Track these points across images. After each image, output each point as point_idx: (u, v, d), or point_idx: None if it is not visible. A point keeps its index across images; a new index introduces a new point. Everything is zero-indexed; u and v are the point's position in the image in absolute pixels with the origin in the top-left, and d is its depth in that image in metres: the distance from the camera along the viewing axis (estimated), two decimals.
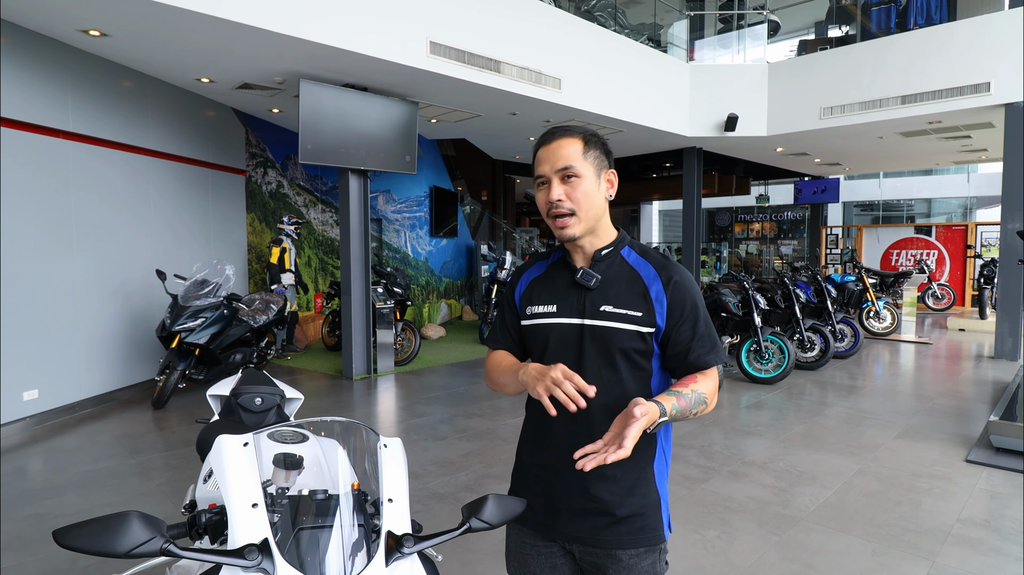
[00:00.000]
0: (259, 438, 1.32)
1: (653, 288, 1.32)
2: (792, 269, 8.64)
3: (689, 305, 1.32)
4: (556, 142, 1.33)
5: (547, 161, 1.32)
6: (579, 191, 1.31)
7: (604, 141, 1.37)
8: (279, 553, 1.04)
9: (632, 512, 1.32)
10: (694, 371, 1.31)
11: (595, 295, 1.34)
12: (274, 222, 8.59)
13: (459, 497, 3.53)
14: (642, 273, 1.35)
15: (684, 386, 1.28)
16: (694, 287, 1.34)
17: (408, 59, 5.70)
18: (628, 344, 1.31)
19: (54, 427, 4.90)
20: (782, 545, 2.96)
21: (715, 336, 1.34)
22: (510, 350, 1.49)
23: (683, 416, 1.25)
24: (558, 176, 1.31)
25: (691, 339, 1.31)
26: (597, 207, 1.34)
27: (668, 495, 1.40)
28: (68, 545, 0.94)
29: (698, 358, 1.31)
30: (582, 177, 1.31)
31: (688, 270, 1.36)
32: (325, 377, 6.75)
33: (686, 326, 1.31)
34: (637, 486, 1.33)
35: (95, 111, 5.43)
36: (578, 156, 1.31)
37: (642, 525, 1.33)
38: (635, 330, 1.30)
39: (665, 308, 1.31)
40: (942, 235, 13.56)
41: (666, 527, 1.37)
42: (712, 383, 1.31)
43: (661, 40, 10.04)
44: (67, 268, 5.17)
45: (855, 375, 6.83)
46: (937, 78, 7.73)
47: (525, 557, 1.44)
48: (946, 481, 3.75)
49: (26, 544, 2.97)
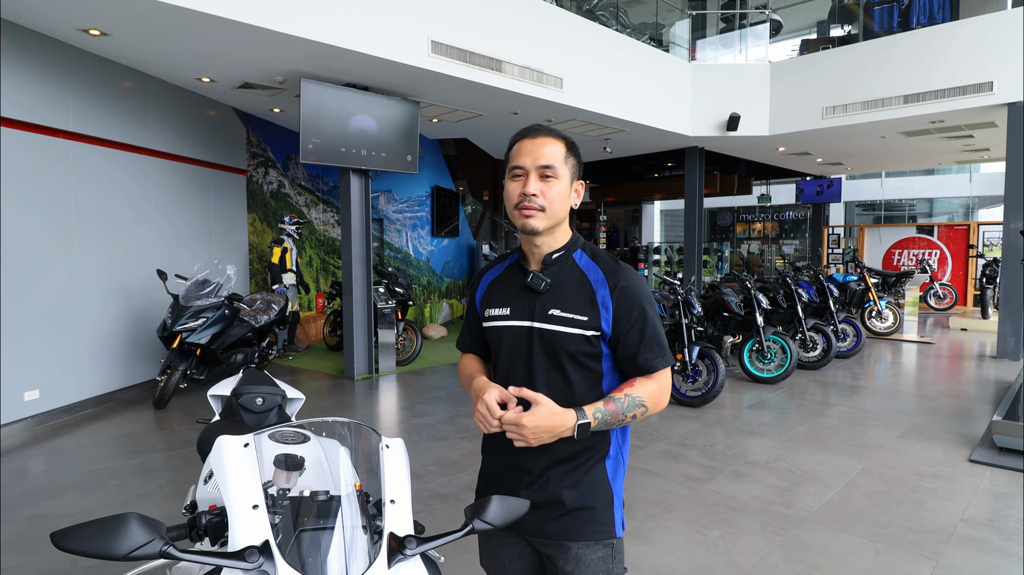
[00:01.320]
0: (260, 439, 1.31)
1: (600, 293, 1.35)
2: (794, 269, 8.62)
3: (636, 310, 1.34)
4: (542, 138, 1.35)
5: (529, 154, 1.34)
6: (554, 191, 1.34)
7: (579, 153, 1.42)
8: (280, 555, 1.03)
9: (580, 505, 1.36)
10: (642, 374, 1.36)
11: (544, 299, 1.37)
12: (275, 222, 8.58)
13: (461, 497, 3.52)
14: (591, 277, 1.37)
15: (619, 391, 1.33)
16: (642, 291, 1.36)
17: (409, 58, 5.69)
18: (575, 347, 1.34)
19: (55, 427, 4.90)
20: (785, 545, 2.95)
21: (662, 340, 1.37)
22: (476, 352, 1.56)
23: (615, 420, 1.31)
24: (537, 172, 1.33)
25: (639, 343, 1.34)
26: (563, 211, 1.37)
27: (622, 494, 1.43)
28: (66, 548, 0.93)
29: (646, 361, 1.34)
30: (559, 179, 1.34)
31: (638, 272, 1.39)
32: (326, 377, 6.74)
33: (634, 331, 1.34)
34: (585, 480, 1.37)
35: (96, 111, 5.43)
36: (560, 158, 1.34)
37: (590, 518, 1.37)
38: (580, 334, 1.33)
39: (612, 313, 1.33)
40: (944, 235, 13.53)
41: (618, 525, 1.40)
42: (656, 386, 1.35)
43: (663, 40, 10.03)
44: (68, 268, 5.17)
45: (857, 375, 6.81)
46: (940, 77, 7.71)
47: (494, 548, 1.49)
48: (949, 481, 3.73)
49: (27, 545, 2.97)
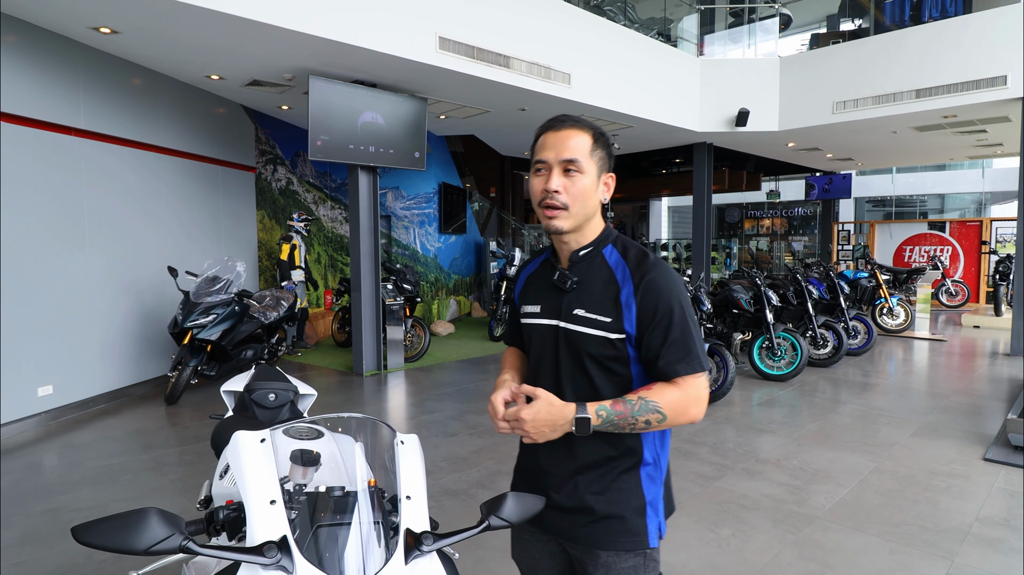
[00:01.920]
0: (275, 434, 1.31)
1: (625, 291, 1.26)
2: (804, 265, 8.56)
3: (662, 309, 1.24)
4: (566, 131, 1.27)
5: (552, 148, 1.27)
6: (578, 186, 1.26)
7: (610, 143, 1.33)
8: (298, 550, 1.02)
9: (610, 514, 1.30)
10: (663, 379, 1.25)
11: (572, 297, 1.31)
12: (284, 219, 8.61)
13: (471, 493, 3.52)
14: (618, 274, 1.29)
15: (634, 393, 1.24)
16: (670, 287, 1.25)
17: (417, 55, 5.69)
18: (598, 350, 1.27)
19: (68, 423, 4.94)
20: (798, 543, 2.93)
21: (691, 343, 1.24)
22: (516, 344, 1.54)
23: (625, 423, 1.22)
24: (560, 166, 1.26)
25: (661, 345, 1.23)
26: (590, 207, 1.30)
27: (661, 503, 1.34)
28: (87, 542, 0.94)
29: (667, 365, 1.23)
30: (584, 174, 1.26)
31: (669, 267, 1.29)
32: (335, 373, 6.77)
33: (657, 331, 1.24)
34: (615, 488, 1.31)
35: (106, 108, 5.46)
36: (585, 151, 1.27)
37: (621, 528, 1.30)
38: (604, 336, 1.26)
39: (635, 313, 1.24)
40: (956, 231, 13.41)
41: (652, 535, 1.32)
42: (679, 393, 1.23)
43: (671, 35, 9.97)
44: (80, 265, 5.21)
45: (869, 372, 6.77)
46: (952, 71, 7.63)
47: (526, 543, 1.47)
48: (964, 480, 3.70)
49: (42, 538, 2.99)
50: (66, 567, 2.73)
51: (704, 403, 1.26)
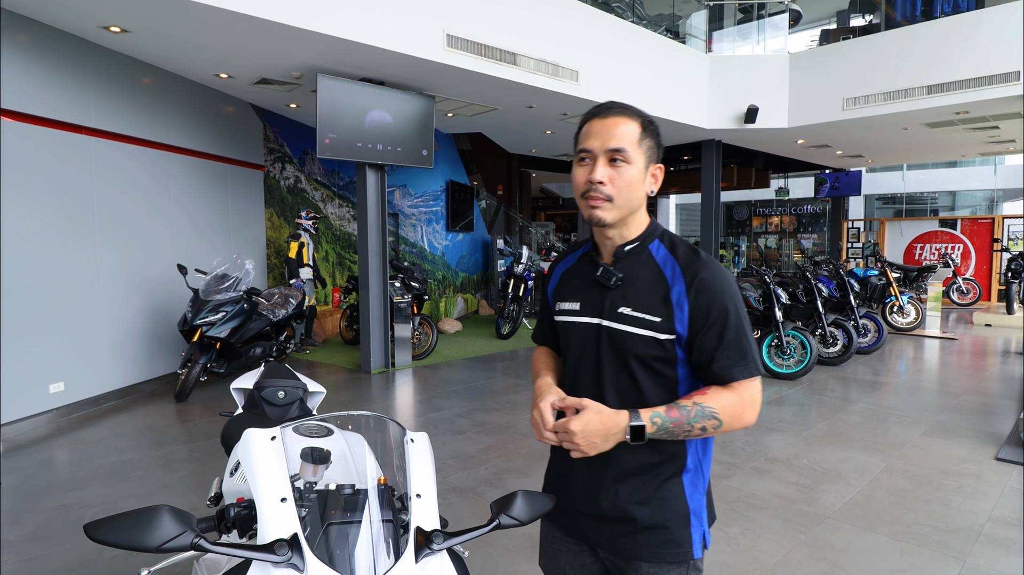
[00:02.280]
0: (286, 432, 1.31)
1: (675, 290, 1.20)
2: (813, 263, 8.51)
3: (716, 310, 1.18)
4: (613, 118, 1.20)
5: (598, 136, 1.19)
6: (624, 178, 1.19)
7: (658, 131, 1.26)
8: (309, 548, 1.03)
9: (653, 523, 1.24)
10: (717, 383, 1.20)
11: (615, 294, 1.24)
12: (292, 217, 8.64)
13: (479, 491, 3.52)
14: (667, 272, 1.22)
15: (688, 398, 1.18)
16: (725, 288, 1.19)
17: (425, 52, 5.68)
18: (645, 351, 1.21)
19: (79, 419, 4.98)
20: (808, 543, 2.92)
21: (746, 345, 1.19)
22: (548, 344, 1.48)
23: (680, 430, 1.16)
24: (606, 156, 1.19)
25: (716, 348, 1.18)
26: (636, 199, 1.22)
27: (704, 511, 1.29)
28: (100, 539, 0.94)
29: (722, 368, 1.18)
30: (631, 164, 1.19)
31: (721, 265, 1.23)
32: (343, 371, 6.79)
33: (711, 333, 1.18)
34: (658, 495, 1.25)
35: (116, 107, 5.49)
36: (633, 140, 1.19)
37: (664, 539, 1.24)
38: (652, 336, 1.20)
39: (687, 313, 1.18)
40: (967, 228, 13.28)
41: (697, 545, 1.26)
42: (734, 397, 1.18)
43: (679, 31, 9.92)
44: (91, 263, 5.24)
45: (879, 371, 6.72)
46: (965, 67, 7.54)
47: (555, 552, 1.41)
48: (976, 479, 3.67)
49: (53, 535, 3.02)
50: (77, 563, 2.76)
51: (758, 407, 1.21)
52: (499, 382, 6.33)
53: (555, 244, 13.33)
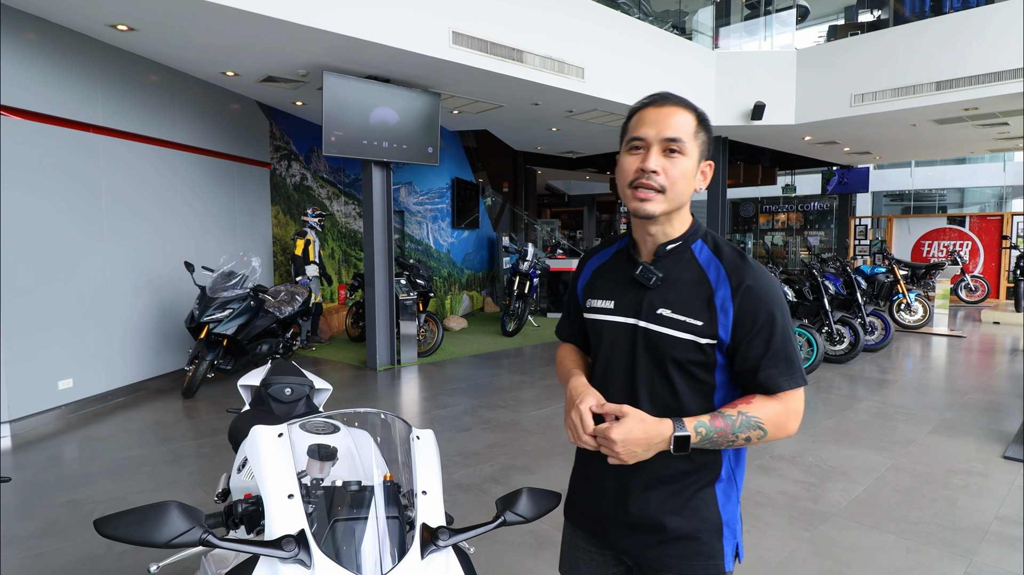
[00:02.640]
0: (292, 429, 1.32)
1: (720, 294, 1.14)
2: (820, 260, 8.47)
3: (763, 316, 1.13)
4: (669, 107, 1.15)
5: (654, 124, 1.14)
6: (678, 169, 1.13)
7: (711, 127, 1.21)
8: (316, 544, 1.03)
9: (683, 534, 1.19)
10: (762, 392, 1.15)
11: (654, 295, 1.19)
12: (298, 214, 8.67)
13: (484, 488, 3.53)
14: (710, 274, 1.17)
15: (732, 407, 1.14)
16: (772, 294, 1.14)
17: (430, 50, 5.68)
18: (684, 355, 1.16)
19: (88, 415, 5.02)
20: (813, 541, 2.91)
21: (793, 354, 1.14)
22: (574, 341, 1.43)
23: (724, 440, 1.12)
24: (661, 145, 1.13)
25: (762, 356, 1.13)
26: (686, 194, 1.17)
27: (739, 523, 1.25)
28: (109, 534, 0.95)
29: (768, 378, 1.13)
30: (686, 156, 1.14)
31: (767, 270, 1.18)
32: (349, 368, 6.81)
33: (757, 341, 1.13)
34: (691, 505, 1.20)
35: (124, 105, 5.51)
36: (690, 132, 1.14)
37: (695, 550, 1.19)
38: (693, 340, 1.14)
39: (731, 319, 1.13)
40: (976, 225, 13.19)
41: (728, 558, 1.21)
42: (780, 407, 1.13)
43: (686, 27, 9.88)
44: (99, 260, 5.28)
45: (886, 369, 6.69)
46: (974, 63, 7.48)
47: (576, 560, 1.37)
48: (983, 478, 3.65)
49: (63, 529, 3.05)
50: (86, 558, 2.78)
51: (801, 416, 1.17)
52: (504, 379, 6.34)
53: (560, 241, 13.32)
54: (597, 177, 16.65)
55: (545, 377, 6.39)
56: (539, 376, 6.45)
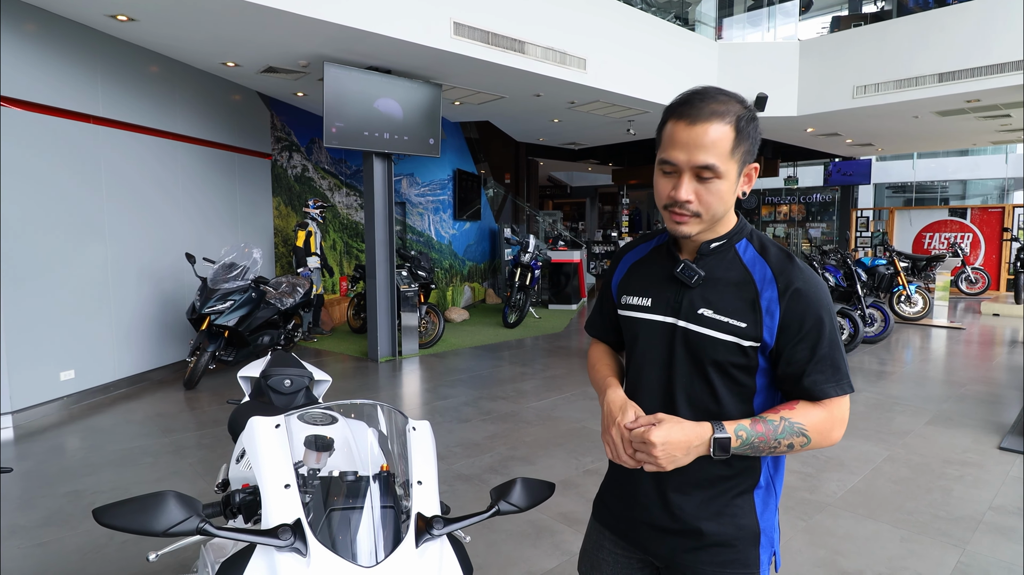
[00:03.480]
0: (290, 420, 1.34)
1: (765, 295, 1.10)
2: (821, 252, 8.46)
3: (811, 320, 1.08)
4: (702, 125, 1.05)
5: (684, 148, 1.06)
6: (713, 195, 1.08)
7: (757, 124, 1.11)
8: (312, 533, 1.05)
9: (719, 540, 1.16)
10: (807, 398, 1.10)
11: (695, 294, 1.14)
12: (299, 206, 8.67)
13: (484, 478, 3.56)
14: (755, 275, 1.12)
15: (775, 412, 1.10)
16: (820, 298, 1.09)
17: (432, 40, 5.67)
18: (725, 357, 1.12)
19: (90, 406, 5.06)
20: (809, 530, 2.94)
21: (839, 361, 1.10)
22: (606, 339, 1.39)
23: (765, 446, 1.07)
24: (692, 171, 1.06)
25: (808, 361, 1.08)
26: (724, 208, 1.11)
27: (776, 532, 1.21)
28: (107, 523, 0.97)
29: (813, 384, 1.09)
30: (722, 178, 1.07)
31: (814, 272, 1.13)
32: (351, 359, 6.84)
33: (803, 346, 1.08)
34: (728, 511, 1.16)
35: (124, 96, 5.51)
36: (725, 151, 1.05)
37: (731, 558, 1.16)
38: (735, 342, 1.10)
39: (777, 322, 1.09)
40: (977, 217, 13.15)
41: (765, 566, 1.18)
42: (824, 414, 1.09)
43: (689, 18, 9.82)
44: (100, 251, 5.29)
45: (885, 360, 6.70)
46: (977, 55, 7.44)
47: (599, 560, 1.34)
48: (978, 468, 3.67)
49: (66, 519, 3.08)
50: (89, 547, 2.82)
51: (846, 424, 1.12)
52: (505, 371, 6.37)
53: (563, 233, 13.32)
54: (599, 169, 16.61)
55: (546, 369, 6.41)
56: (540, 368, 6.47)
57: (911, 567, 2.62)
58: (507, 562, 2.68)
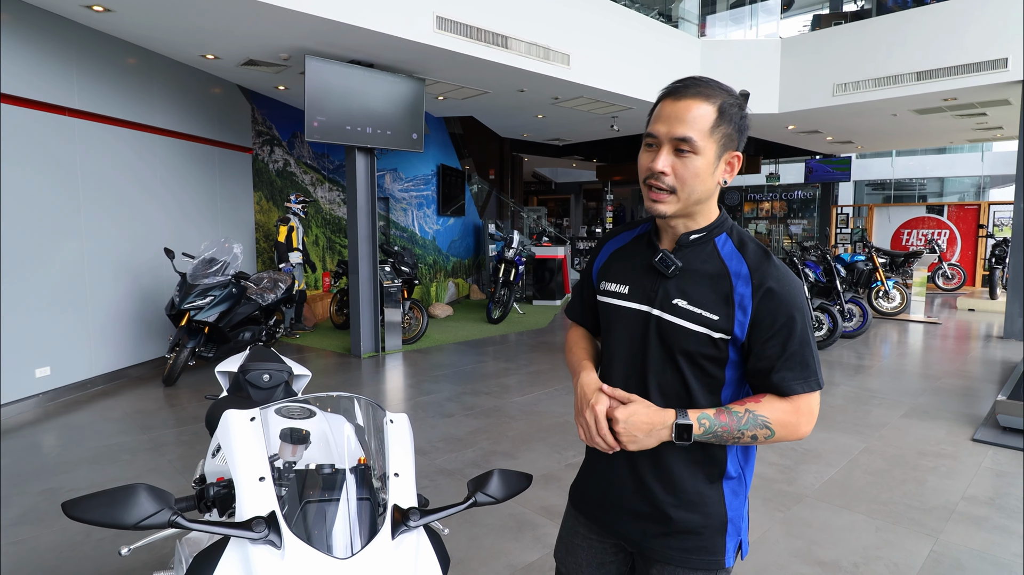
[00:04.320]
0: (266, 413, 1.33)
1: (739, 290, 1.12)
2: (801, 248, 8.56)
3: (782, 318, 1.10)
4: (687, 100, 1.09)
5: (666, 121, 1.10)
6: (689, 169, 1.10)
7: (743, 115, 1.14)
8: (286, 525, 1.05)
9: (686, 527, 1.19)
10: (775, 393, 1.13)
11: (671, 285, 1.17)
12: (281, 200, 8.58)
13: (466, 473, 3.56)
14: (731, 269, 1.14)
15: (740, 404, 1.13)
16: (794, 297, 1.11)
17: (415, 34, 5.63)
18: (696, 347, 1.14)
19: (67, 403, 4.97)
20: (786, 521, 2.98)
21: (809, 358, 1.11)
22: (585, 323, 1.41)
23: (729, 435, 1.11)
24: (671, 144, 1.09)
25: (778, 358, 1.11)
26: (703, 190, 1.13)
27: (745, 521, 1.24)
28: (77, 517, 0.96)
29: (782, 380, 1.11)
30: (699, 155, 1.09)
31: (790, 270, 1.15)
32: (333, 355, 6.80)
33: (774, 342, 1.10)
34: (697, 500, 1.19)
35: (100, 88, 5.41)
36: (704, 128, 1.08)
37: (697, 545, 1.19)
38: (707, 334, 1.12)
39: (749, 317, 1.11)
40: (954, 214, 13.39)
41: (731, 554, 1.21)
42: (790, 409, 1.12)
43: (672, 15, 9.86)
44: (76, 246, 5.20)
45: (863, 355, 6.81)
46: (954, 54, 7.57)
47: (574, 547, 1.37)
48: (952, 460, 3.75)
49: (41, 518, 3.04)
50: (64, 545, 2.78)
51: (815, 419, 1.14)
52: (489, 366, 6.37)
53: (547, 229, 13.33)
54: (584, 165, 16.65)
55: (530, 364, 6.43)
56: (523, 363, 6.48)
57: (885, 557, 2.67)
58: (489, 555, 2.69)
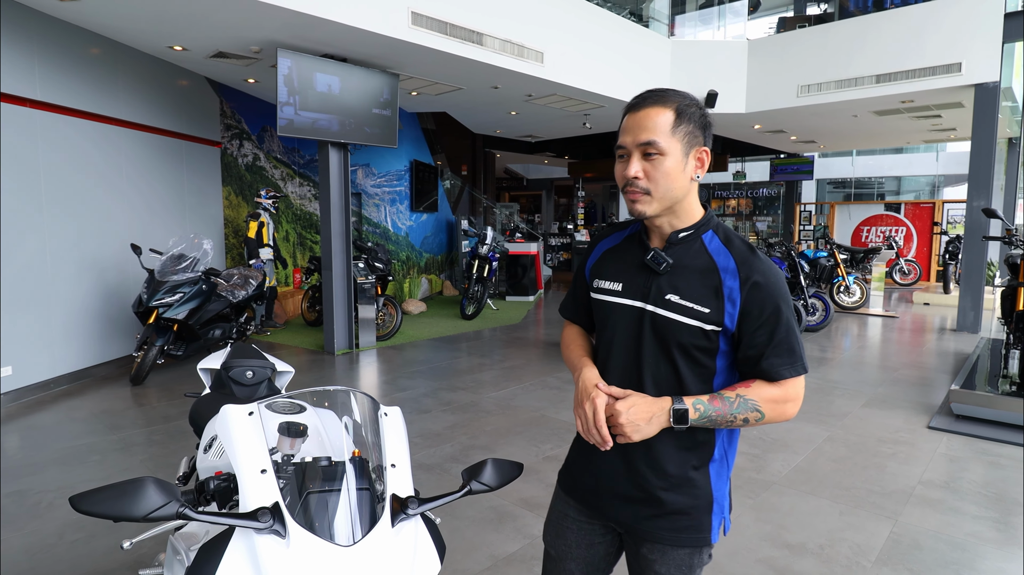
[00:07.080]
0: (260, 408, 1.35)
1: (728, 284, 1.19)
2: (767, 245, 8.80)
3: (769, 309, 1.18)
4: (645, 110, 1.19)
5: (630, 131, 1.20)
6: (659, 170, 1.18)
7: (703, 114, 1.23)
8: (290, 516, 1.08)
9: (677, 509, 1.27)
10: (764, 379, 1.21)
11: (663, 281, 1.24)
12: (251, 195, 8.44)
13: (445, 467, 3.60)
14: (719, 264, 1.22)
15: (732, 390, 1.21)
16: (779, 289, 1.20)
17: (389, 29, 5.61)
18: (689, 339, 1.21)
19: (29, 404, 4.84)
20: (756, 507, 3.10)
21: (795, 345, 1.20)
22: (579, 321, 1.47)
23: (722, 419, 1.19)
24: (639, 150, 1.19)
25: (766, 345, 1.19)
26: (677, 188, 1.21)
27: (727, 500, 1.33)
28: (86, 510, 0.97)
29: (771, 366, 1.19)
30: (666, 155, 1.18)
31: (774, 264, 1.23)
32: (306, 352, 6.74)
33: (762, 331, 1.19)
34: (686, 483, 1.27)
35: (63, 79, 5.25)
36: (665, 130, 1.18)
37: (686, 524, 1.28)
38: (699, 326, 1.20)
39: (738, 309, 1.19)
40: (910, 212, 13.90)
41: (716, 531, 1.30)
42: (778, 392, 1.20)
43: (643, 15, 9.99)
44: (38, 241, 5.05)
45: (825, 347, 7.05)
46: (911, 58, 7.86)
47: (563, 529, 1.42)
48: (909, 446, 3.94)
49: (10, 520, 2.97)
50: (37, 547, 2.73)
51: (801, 401, 1.23)
52: (464, 362, 6.40)
53: (519, 225, 13.38)
54: (555, 161, 16.74)
55: (504, 359, 6.48)
56: (498, 359, 6.53)
57: (849, 539, 2.81)
58: (471, 547, 2.74)
